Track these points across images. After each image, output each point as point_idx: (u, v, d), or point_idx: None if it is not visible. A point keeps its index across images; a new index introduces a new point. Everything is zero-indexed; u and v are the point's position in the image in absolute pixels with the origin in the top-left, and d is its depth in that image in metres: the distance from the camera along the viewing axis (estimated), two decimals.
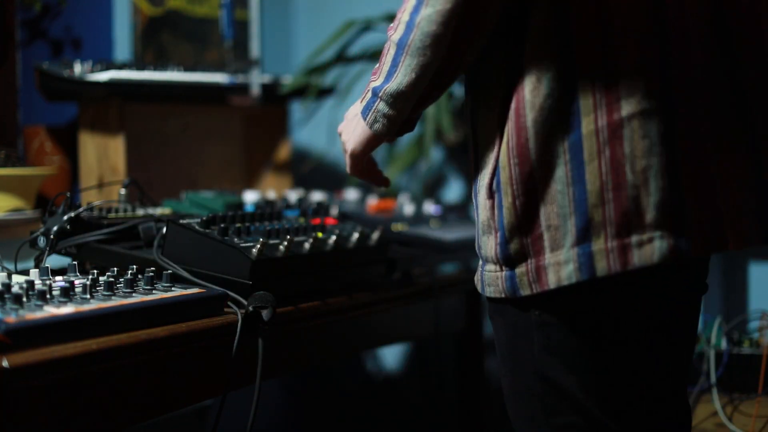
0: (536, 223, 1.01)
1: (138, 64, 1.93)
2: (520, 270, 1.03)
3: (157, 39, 2.23)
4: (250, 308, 1.13)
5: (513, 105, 1.01)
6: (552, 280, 1.00)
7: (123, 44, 2.15)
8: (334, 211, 1.58)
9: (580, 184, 0.98)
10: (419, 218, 1.85)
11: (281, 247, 1.26)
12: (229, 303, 1.17)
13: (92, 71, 1.77)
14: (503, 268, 1.05)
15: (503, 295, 1.05)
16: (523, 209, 1.01)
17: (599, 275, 0.98)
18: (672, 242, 0.97)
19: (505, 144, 1.02)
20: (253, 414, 1.09)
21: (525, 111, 1.00)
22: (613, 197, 0.97)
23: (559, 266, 1.00)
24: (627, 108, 0.97)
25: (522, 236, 1.02)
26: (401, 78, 1.04)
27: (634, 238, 0.98)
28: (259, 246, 1.21)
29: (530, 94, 0.99)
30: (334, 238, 1.35)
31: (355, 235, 1.39)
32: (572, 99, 0.99)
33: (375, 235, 1.44)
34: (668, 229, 0.97)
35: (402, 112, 1.08)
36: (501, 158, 1.02)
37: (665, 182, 0.97)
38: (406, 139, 2.13)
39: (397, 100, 1.06)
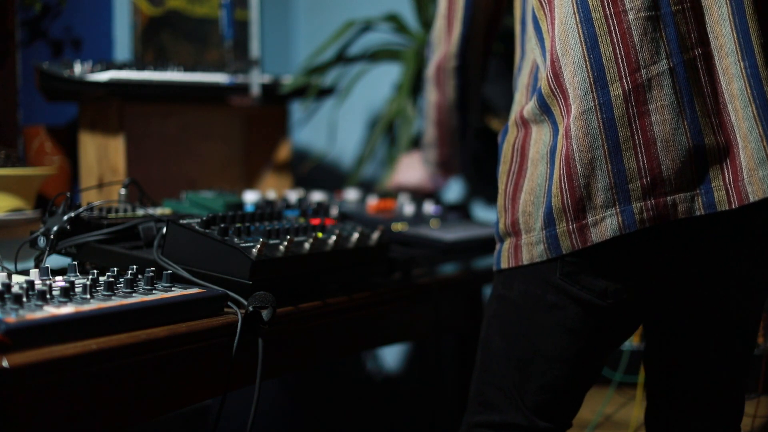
0: (515, 208, 1.26)
1: (138, 64, 1.93)
2: (504, 246, 1.28)
3: (157, 39, 2.23)
4: (250, 308, 1.13)
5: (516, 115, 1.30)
6: (526, 258, 1.24)
7: (123, 44, 2.15)
8: (334, 211, 1.58)
9: (550, 179, 1.21)
10: (419, 218, 1.85)
11: (281, 247, 1.26)
12: (229, 303, 1.17)
13: (92, 71, 1.77)
14: (497, 245, 1.31)
15: (494, 268, 1.32)
16: (512, 195, 1.27)
17: (564, 252, 1.20)
18: (621, 219, 1.15)
19: (509, 146, 1.30)
20: (253, 414, 1.10)
21: (524, 119, 1.28)
22: (569, 186, 1.17)
23: (532, 246, 1.23)
24: (574, 111, 1.17)
25: (505, 218, 1.27)
26: None
27: (590, 219, 1.17)
28: (259, 246, 1.21)
29: (528, 113, 1.26)
30: (334, 238, 1.35)
31: (355, 235, 1.39)
32: (550, 114, 1.23)
33: (375, 235, 1.44)
34: (617, 207, 1.16)
35: None
36: (505, 153, 1.31)
37: (612, 167, 1.15)
38: (406, 139, 2.13)
39: None
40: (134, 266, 1.15)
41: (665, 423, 1.32)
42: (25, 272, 1.21)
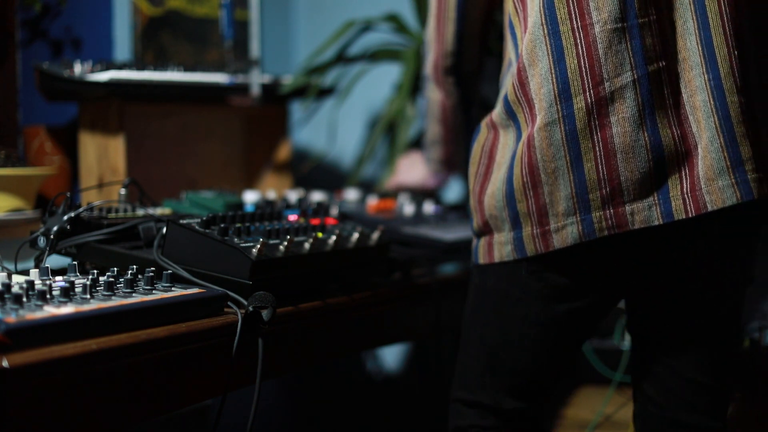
0: (482, 209, 1.32)
1: (138, 64, 1.93)
2: (480, 243, 1.35)
3: (157, 39, 2.23)
4: (250, 308, 1.13)
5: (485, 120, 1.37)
6: (497, 256, 1.31)
7: (123, 44, 2.15)
8: (334, 211, 1.58)
9: (509, 184, 1.26)
10: (419, 218, 1.85)
11: (281, 247, 1.26)
12: (229, 303, 1.17)
13: (92, 71, 1.77)
14: (474, 240, 1.38)
15: (473, 263, 1.39)
16: (478, 197, 1.33)
17: (529, 255, 1.26)
18: (581, 227, 1.20)
19: (478, 147, 1.37)
20: (253, 414, 1.10)
21: (493, 123, 1.34)
22: (534, 194, 1.23)
23: (502, 246, 1.30)
24: (539, 121, 1.22)
25: (477, 218, 1.35)
26: None
27: (553, 225, 1.23)
28: (259, 246, 1.21)
29: (496, 116, 1.33)
30: (334, 238, 1.35)
31: (355, 235, 1.39)
32: (515, 120, 1.28)
33: (375, 235, 1.44)
34: (578, 216, 1.21)
35: None
36: (474, 154, 1.38)
37: (574, 177, 1.20)
38: (406, 139, 2.13)
39: None
40: (134, 266, 1.15)
41: (653, 419, 1.34)
42: (25, 272, 1.21)
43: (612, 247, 1.23)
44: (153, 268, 1.15)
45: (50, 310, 0.96)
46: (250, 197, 1.76)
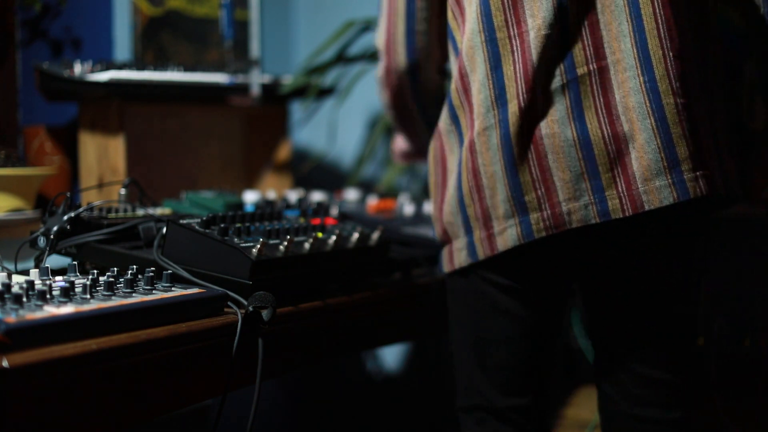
0: (442, 218, 1.36)
1: (138, 64, 1.93)
2: (444, 251, 1.39)
3: (157, 39, 2.23)
4: (250, 308, 1.13)
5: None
6: (457, 263, 1.35)
7: (123, 44, 2.15)
8: (334, 211, 1.58)
9: (459, 190, 1.30)
10: (419, 218, 1.85)
11: (281, 247, 1.26)
12: (229, 303, 1.17)
13: (92, 71, 1.77)
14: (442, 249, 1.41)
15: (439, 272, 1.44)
16: (439, 206, 1.38)
17: (480, 259, 1.30)
18: (520, 229, 1.24)
19: (432, 159, 1.41)
20: (253, 414, 1.09)
21: (440, 131, 1.37)
22: (479, 198, 1.28)
23: (459, 251, 1.34)
24: (477, 126, 1.26)
25: (438, 228, 1.39)
26: None
27: (496, 228, 1.27)
28: (259, 246, 1.21)
29: (442, 123, 1.36)
30: (334, 238, 1.35)
31: (355, 235, 1.39)
32: (458, 125, 1.32)
33: (375, 235, 1.44)
34: (516, 218, 1.25)
35: None
36: (430, 165, 1.42)
37: (510, 181, 1.24)
38: None
39: None
40: (134, 266, 1.15)
41: (612, 414, 1.36)
42: (25, 272, 1.21)
43: (555, 247, 1.27)
44: (153, 268, 1.15)
45: (50, 310, 0.96)
46: (250, 197, 1.76)
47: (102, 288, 1.08)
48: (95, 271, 1.12)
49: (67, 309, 0.97)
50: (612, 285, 1.31)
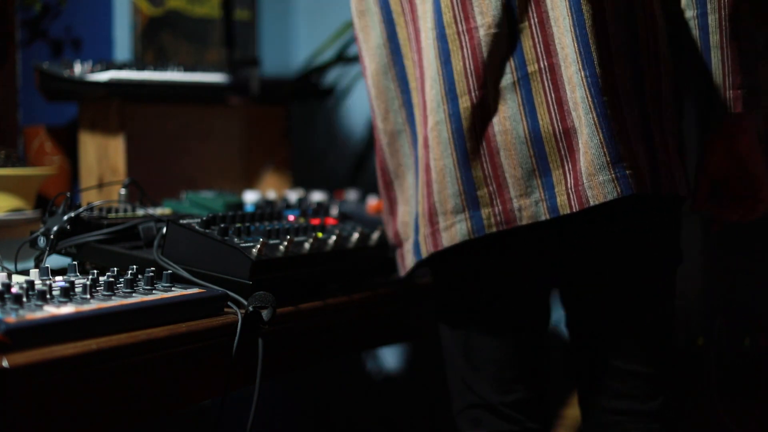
0: (395, 220, 1.38)
1: (138, 64, 1.93)
2: (397, 256, 1.40)
3: (157, 39, 2.23)
4: (250, 308, 1.13)
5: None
6: (408, 265, 1.36)
7: (123, 44, 2.15)
8: (334, 211, 1.58)
9: (416, 188, 1.31)
10: None
11: (281, 247, 1.26)
12: (229, 303, 1.17)
13: (92, 71, 1.77)
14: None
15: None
16: (388, 210, 1.40)
17: (424, 257, 1.30)
18: (470, 224, 1.24)
19: (377, 166, 1.41)
20: (253, 414, 1.09)
21: (380, 136, 1.38)
22: (426, 193, 1.27)
23: (408, 253, 1.35)
24: (430, 122, 1.26)
25: (388, 231, 1.40)
26: None
27: (442, 224, 1.26)
28: (259, 246, 1.21)
29: (382, 124, 1.37)
30: (334, 238, 1.35)
31: (355, 235, 1.39)
32: (412, 123, 1.33)
33: (375, 235, 1.44)
34: (466, 213, 1.24)
35: None
36: (378, 175, 1.41)
37: (461, 175, 1.24)
38: None
39: None
40: (134, 266, 1.15)
41: (588, 406, 1.37)
42: (25, 272, 1.21)
43: (525, 241, 1.27)
44: (153, 268, 1.15)
45: (50, 310, 0.96)
46: (250, 197, 1.76)
47: (102, 288, 1.08)
48: (95, 271, 1.12)
49: (67, 309, 0.97)
50: (582, 279, 1.32)
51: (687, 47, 1.27)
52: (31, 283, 1.03)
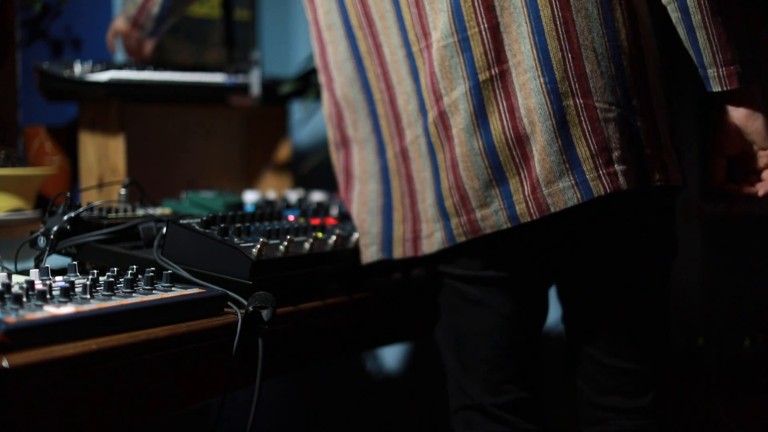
0: (351, 212, 1.42)
1: (138, 64, 1.93)
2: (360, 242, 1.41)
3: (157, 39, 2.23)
4: (250, 308, 1.13)
5: None
6: (366, 258, 1.38)
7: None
8: (334, 211, 1.58)
9: (387, 197, 1.36)
10: None
11: (281, 247, 1.26)
12: (229, 303, 1.17)
13: (92, 71, 1.77)
14: None
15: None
16: (357, 214, 1.41)
17: (395, 257, 1.36)
18: (444, 234, 1.29)
19: (337, 165, 1.46)
20: (253, 414, 1.10)
21: (350, 144, 1.42)
22: (410, 203, 1.33)
23: (366, 248, 1.38)
24: (409, 135, 1.32)
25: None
26: None
27: (424, 231, 1.32)
28: (259, 246, 1.21)
29: (352, 132, 1.41)
30: (334, 238, 1.35)
31: (355, 235, 1.39)
32: (378, 133, 1.37)
33: None
34: (440, 222, 1.29)
35: None
36: (336, 172, 1.47)
37: (435, 187, 1.29)
38: None
39: None
40: (134, 266, 1.15)
41: (581, 402, 1.38)
42: (25, 272, 1.21)
43: (513, 239, 1.27)
44: (153, 268, 1.15)
45: (50, 310, 0.96)
46: (250, 197, 1.76)
47: (102, 288, 1.08)
48: (95, 271, 1.12)
49: (67, 309, 0.97)
50: (575, 274, 1.33)
51: (675, 33, 1.25)
52: (31, 283, 1.03)
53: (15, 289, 1.00)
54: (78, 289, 1.05)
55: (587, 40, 1.19)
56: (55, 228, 1.31)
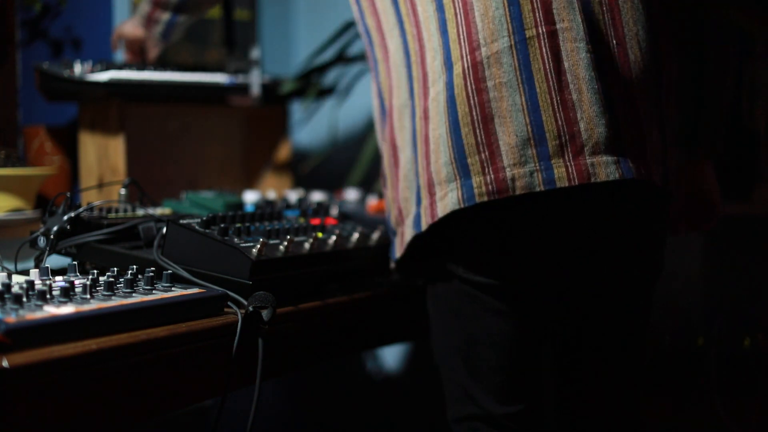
0: (398, 197, 1.32)
1: (138, 64, 1.93)
2: (397, 237, 1.35)
3: None
4: (250, 308, 1.13)
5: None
6: (406, 239, 1.29)
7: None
8: (334, 211, 1.58)
9: (414, 163, 1.27)
10: None
11: (281, 247, 1.26)
12: (229, 303, 1.17)
13: (92, 71, 1.77)
14: (392, 238, 1.39)
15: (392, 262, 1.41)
16: (395, 186, 1.33)
17: (423, 230, 1.25)
18: (461, 193, 1.20)
19: (382, 142, 1.39)
20: (253, 414, 1.10)
21: (393, 113, 1.33)
22: (425, 164, 1.24)
23: (408, 229, 1.29)
24: (432, 93, 1.23)
25: (394, 210, 1.35)
26: None
27: (438, 194, 1.22)
28: (259, 246, 1.21)
29: (395, 100, 1.32)
30: (334, 238, 1.35)
31: (355, 235, 1.39)
32: (412, 97, 1.28)
33: (375, 235, 1.44)
34: (457, 182, 1.20)
35: None
36: (383, 153, 1.40)
37: (453, 142, 1.20)
38: None
39: None
40: (134, 266, 1.15)
41: (559, 414, 1.39)
42: (25, 272, 1.21)
43: (533, 246, 1.23)
44: (153, 268, 1.15)
45: (50, 310, 0.96)
46: (250, 197, 1.76)
47: (102, 288, 1.08)
48: (95, 271, 1.12)
49: (67, 309, 0.97)
50: (582, 289, 1.30)
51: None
52: (31, 283, 1.03)
53: (15, 289, 1.00)
54: (78, 289, 1.05)
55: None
56: (55, 228, 1.31)
